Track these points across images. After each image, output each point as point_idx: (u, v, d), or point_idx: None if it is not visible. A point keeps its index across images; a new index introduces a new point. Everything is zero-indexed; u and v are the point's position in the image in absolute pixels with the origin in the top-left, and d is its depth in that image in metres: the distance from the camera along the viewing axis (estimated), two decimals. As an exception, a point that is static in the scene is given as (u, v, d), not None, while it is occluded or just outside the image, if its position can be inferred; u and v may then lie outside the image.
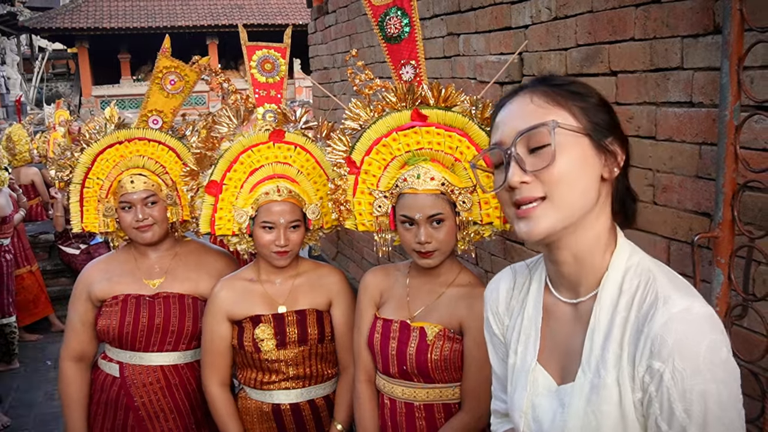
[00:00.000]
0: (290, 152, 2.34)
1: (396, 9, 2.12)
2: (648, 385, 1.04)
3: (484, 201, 2.00)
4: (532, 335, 1.26)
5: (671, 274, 1.14)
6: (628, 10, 2.08)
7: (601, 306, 1.13)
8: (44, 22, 22.01)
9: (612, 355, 1.10)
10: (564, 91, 1.16)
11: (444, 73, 3.32)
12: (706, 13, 1.83)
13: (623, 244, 1.17)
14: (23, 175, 7.66)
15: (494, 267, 3.08)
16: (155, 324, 2.44)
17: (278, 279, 2.35)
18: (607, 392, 1.09)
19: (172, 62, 2.50)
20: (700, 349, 1.00)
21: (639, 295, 1.10)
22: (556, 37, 2.43)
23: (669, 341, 1.01)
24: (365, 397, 2.15)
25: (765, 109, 1.62)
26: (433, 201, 1.93)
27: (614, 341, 1.10)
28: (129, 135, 2.52)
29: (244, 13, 23.25)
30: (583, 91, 1.18)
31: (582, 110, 1.14)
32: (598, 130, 1.14)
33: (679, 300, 1.05)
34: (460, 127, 1.98)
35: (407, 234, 1.97)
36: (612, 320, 1.12)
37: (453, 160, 2.00)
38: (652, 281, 1.10)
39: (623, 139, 1.18)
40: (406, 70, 2.12)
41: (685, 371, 1.00)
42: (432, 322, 2.00)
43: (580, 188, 1.11)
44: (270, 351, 2.27)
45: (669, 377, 1.01)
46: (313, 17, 5.57)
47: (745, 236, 1.65)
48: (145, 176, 2.48)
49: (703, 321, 1.03)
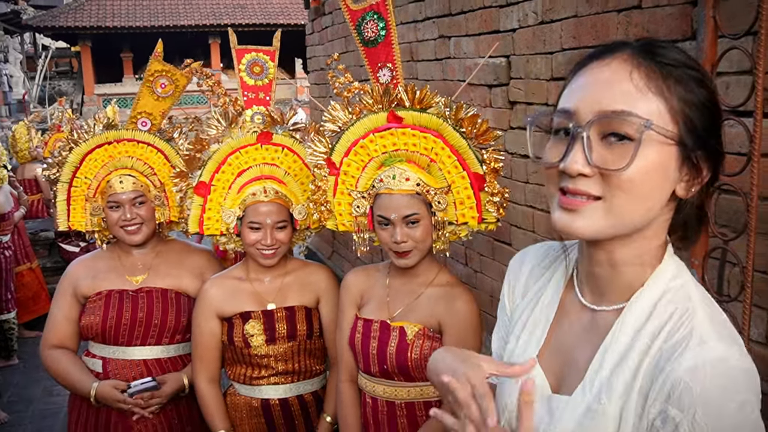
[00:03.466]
0: (278, 154, 2.38)
1: (373, 13, 2.15)
2: (659, 430, 0.90)
3: (459, 201, 2.03)
4: (540, 328, 1.13)
5: (714, 308, 0.98)
6: (610, 15, 2.12)
7: (624, 323, 0.99)
8: (48, 20, 22.07)
9: (621, 384, 0.96)
10: (674, 76, 0.94)
11: (435, 75, 3.36)
12: (684, 19, 1.87)
13: (669, 262, 1.01)
14: (27, 170, 7.72)
15: (483, 267, 3.11)
16: (138, 318, 2.48)
17: (267, 277, 2.40)
18: (604, 422, 0.96)
19: (163, 66, 2.55)
20: (729, 408, 0.86)
21: (670, 325, 0.95)
22: (542, 41, 2.47)
23: (695, 390, 0.87)
24: (348, 396, 2.19)
25: (738, 114, 1.65)
26: (408, 201, 1.97)
27: (628, 369, 0.96)
28: (118, 136, 2.56)
29: (247, 12, 23.30)
30: (696, 78, 0.96)
31: (685, 108, 0.94)
32: (694, 139, 0.95)
33: (716, 345, 0.90)
34: (434, 129, 2.01)
35: (384, 234, 2.00)
36: (632, 344, 0.97)
37: (428, 160, 2.03)
38: (691, 313, 0.95)
39: (717, 153, 0.98)
40: (383, 72, 2.16)
41: (707, 428, 0.86)
42: (411, 321, 2.03)
43: (644, 202, 0.95)
44: (259, 346, 2.31)
45: (686, 429, 0.87)
46: (311, 18, 5.62)
47: (719, 238, 1.69)
48: (133, 177, 2.52)
49: (741, 376, 0.89)
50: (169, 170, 2.56)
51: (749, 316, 1.62)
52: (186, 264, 2.62)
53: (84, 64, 23.11)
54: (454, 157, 2.02)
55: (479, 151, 2.02)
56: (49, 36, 24.14)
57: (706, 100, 0.96)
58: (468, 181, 2.02)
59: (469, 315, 2.01)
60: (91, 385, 2.42)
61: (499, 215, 2.03)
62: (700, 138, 0.95)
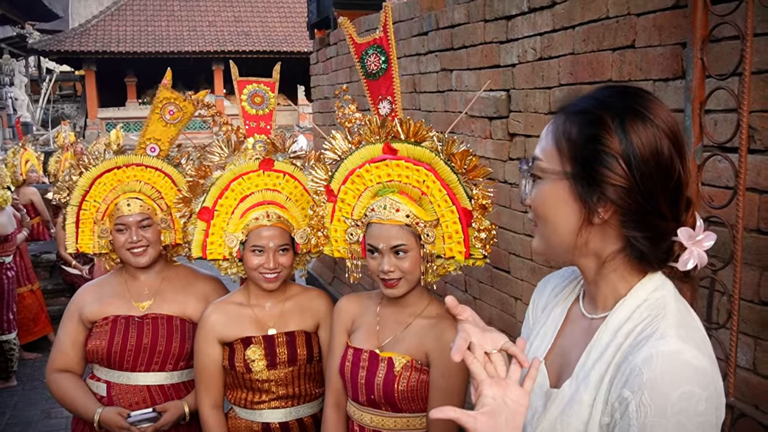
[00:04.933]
0: (279, 180, 2.44)
1: (376, 47, 2.23)
2: (615, 411, 1.03)
3: (447, 235, 2.05)
4: (549, 335, 1.27)
5: (688, 318, 1.09)
6: (605, 54, 2.22)
7: (607, 326, 1.12)
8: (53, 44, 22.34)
9: (596, 375, 1.09)
10: (562, 116, 1.13)
11: (437, 106, 3.46)
12: (675, 59, 1.96)
13: (652, 278, 1.12)
14: (22, 195, 7.75)
15: (482, 294, 3.18)
16: (143, 344, 2.51)
17: (268, 303, 2.43)
18: (579, 408, 1.09)
19: (172, 94, 2.63)
20: (672, 394, 0.97)
21: (641, 326, 1.07)
22: (541, 77, 2.56)
23: (645, 375, 0.99)
24: (331, 421, 2.21)
25: (725, 150, 1.74)
26: (397, 232, 1.99)
27: (604, 363, 1.09)
28: (127, 161, 2.62)
29: (250, 40, 23.58)
30: (581, 120, 1.11)
31: (568, 146, 1.11)
32: (575, 173, 1.10)
33: (673, 341, 1.01)
34: (427, 162, 2.04)
35: (373, 262, 2.03)
36: (610, 342, 1.10)
37: (420, 193, 2.06)
38: (661, 317, 1.06)
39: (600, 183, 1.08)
40: (383, 105, 2.22)
41: (650, 408, 0.98)
42: (400, 352, 2.04)
43: (552, 227, 1.14)
44: (261, 371, 2.34)
45: (634, 408, 0.99)
46: (315, 48, 5.74)
47: (708, 268, 1.76)
48: (141, 200, 2.58)
49: (689, 370, 0.99)
50: (176, 194, 2.62)
51: (736, 343, 1.69)
52: (192, 290, 2.66)
53: (88, 88, 23.34)
54: (444, 191, 2.04)
55: (469, 186, 2.04)
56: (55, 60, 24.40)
57: (584, 137, 1.08)
58: (457, 215, 2.04)
59: None
60: (96, 410, 2.44)
61: (486, 251, 2.05)
62: (581, 172, 1.08)
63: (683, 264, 1.08)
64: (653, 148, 1.04)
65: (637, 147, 1.04)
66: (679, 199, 1.08)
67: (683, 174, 1.07)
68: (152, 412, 2.43)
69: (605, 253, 1.12)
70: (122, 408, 2.45)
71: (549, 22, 2.51)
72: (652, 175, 1.05)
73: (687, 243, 1.07)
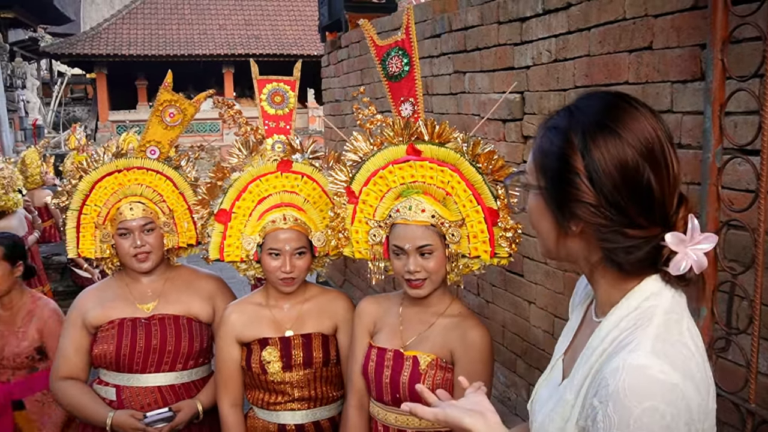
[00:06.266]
0: (297, 181, 2.43)
1: (398, 49, 2.23)
2: (588, 417, 1.06)
3: (472, 235, 2.07)
4: (569, 333, 1.31)
5: (673, 331, 1.07)
6: (622, 56, 2.20)
7: (599, 331, 1.13)
8: (65, 48, 22.48)
9: (579, 378, 1.12)
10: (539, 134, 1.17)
11: (450, 109, 3.44)
12: (693, 61, 1.94)
13: (647, 287, 1.11)
14: (36, 198, 7.79)
15: (495, 298, 3.16)
16: (152, 345, 2.49)
17: (286, 304, 2.43)
18: (563, 407, 1.13)
19: (172, 96, 2.59)
20: (634, 408, 0.98)
21: (624, 335, 1.08)
22: (556, 78, 2.54)
23: (610, 387, 1.00)
24: (353, 421, 2.21)
25: (746, 152, 1.72)
26: (422, 232, 2.00)
27: (588, 366, 1.11)
28: (128, 164, 2.59)
29: (261, 43, 23.66)
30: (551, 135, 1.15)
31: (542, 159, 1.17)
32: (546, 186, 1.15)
33: (643, 355, 1.01)
34: (452, 163, 2.06)
35: (398, 263, 2.04)
36: (596, 348, 1.12)
37: (444, 194, 2.08)
38: (643, 328, 1.06)
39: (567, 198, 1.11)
40: (405, 106, 2.22)
41: (614, 420, 0.99)
42: (424, 351, 2.05)
43: (539, 235, 1.21)
44: (276, 373, 2.34)
45: (601, 418, 1.01)
46: (327, 51, 5.74)
47: (728, 272, 1.74)
48: (143, 204, 2.55)
49: (655, 385, 0.99)
50: (178, 197, 2.61)
51: (757, 348, 1.66)
52: (195, 289, 2.64)
53: (99, 91, 23.46)
54: (469, 191, 2.06)
55: (494, 186, 2.07)
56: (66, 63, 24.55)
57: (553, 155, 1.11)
58: (482, 215, 2.06)
59: (481, 347, 2.03)
60: (107, 414, 2.41)
61: (512, 250, 2.06)
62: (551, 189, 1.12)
63: (675, 268, 1.06)
64: (617, 162, 1.04)
65: (599, 162, 1.05)
66: (652, 207, 1.06)
67: (656, 182, 1.05)
68: (168, 411, 2.42)
69: (592, 260, 1.14)
70: (134, 411, 2.44)
71: (564, 23, 2.49)
72: (618, 189, 1.05)
73: (676, 247, 1.05)
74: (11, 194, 5.70)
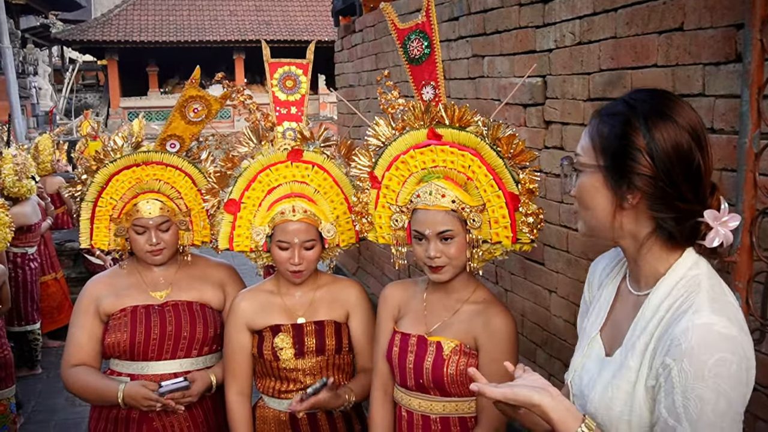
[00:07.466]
0: (308, 171, 2.39)
1: (419, 32, 2.19)
2: (660, 376, 1.21)
3: (494, 220, 2.04)
4: (603, 310, 1.45)
5: (719, 292, 1.25)
6: (651, 37, 2.12)
7: (649, 303, 1.30)
8: (76, 34, 22.52)
9: (641, 344, 1.27)
10: (597, 118, 1.34)
11: (468, 93, 3.37)
12: (728, 42, 1.86)
13: (688, 257, 1.29)
14: (49, 185, 7.80)
15: (514, 286, 3.10)
16: (167, 332, 2.47)
17: (298, 292, 2.41)
18: (627, 372, 1.27)
19: (198, 92, 2.51)
20: (708, 360, 1.14)
21: (679, 302, 1.24)
22: (580, 62, 2.47)
23: (683, 345, 1.17)
24: (378, 402, 2.22)
25: (785, 137, 1.65)
26: (443, 217, 1.98)
27: (648, 333, 1.27)
28: (146, 158, 2.54)
29: (271, 29, 23.60)
30: (611, 120, 1.31)
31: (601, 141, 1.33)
32: (608, 165, 1.30)
33: (706, 314, 1.18)
34: (473, 147, 2.03)
35: (419, 248, 2.02)
36: (652, 317, 1.28)
37: (465, 178, 2.05)
38: (696, 293, 1.23)
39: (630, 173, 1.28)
40: (427, 90, 2.19)
41: (689, 373, 1.15)
42: (448, 337, 2.04)
43: (589, 212, 1.36)
44: (288, 360, 2.32)
45: (676, 373, 1.17)
46: (340, 36, 5.66)
47: (764, 262, 1.67)
48: (161, 201, 2.51)
49: (721, 339, 1.16)
50: (196, 195, 2.57)
51: (795, 341, 1.60)
52: (207, 277, 2.63)
53: (110, 78, 23.51)
54: (490, 176, 2.03)
55: (516, 171, 2.03)
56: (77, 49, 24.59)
57: (615, 135, 1.28)
58: (503, 200, 2.03)
59: (506, 334, 2.01)
60: (119, 386, 2.38)
61: (533, 236, 2.03)
62: (612, 165, 1.28)
63: (710, 242, 1.25)
64: (674, 143, 1.23)
65: (659, 142, 1.23)
66: (700, 185, 1.25)
67: (703, 164, 1.25)
68: (183, 381, 2.40)
69: (641, 236, 1.31)
70: (147, 381, 2.41)
71: (589, 4, 2.41)
72: (673, 165, 1.23)
73: (712, 223, 1.25)
74: (25, 181, 5.70)
